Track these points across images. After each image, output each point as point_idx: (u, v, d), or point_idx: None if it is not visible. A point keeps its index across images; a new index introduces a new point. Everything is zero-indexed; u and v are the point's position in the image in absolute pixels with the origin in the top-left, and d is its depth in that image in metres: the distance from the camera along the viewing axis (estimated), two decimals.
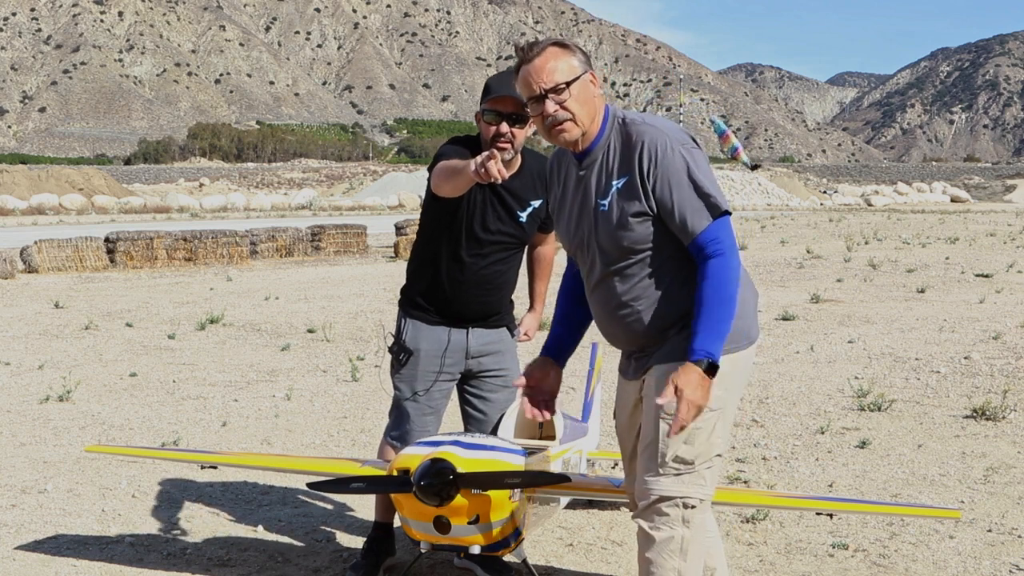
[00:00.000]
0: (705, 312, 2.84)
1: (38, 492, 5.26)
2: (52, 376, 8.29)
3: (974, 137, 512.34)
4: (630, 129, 2.95)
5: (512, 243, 3.96)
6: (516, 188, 3.90)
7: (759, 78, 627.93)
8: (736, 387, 3.05)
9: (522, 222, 3.93)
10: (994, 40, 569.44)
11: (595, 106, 2.98)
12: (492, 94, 3.76)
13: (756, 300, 3.16)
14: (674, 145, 2.90)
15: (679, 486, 2.95)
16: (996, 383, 7.90)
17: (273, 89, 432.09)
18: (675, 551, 2.94)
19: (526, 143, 3.90)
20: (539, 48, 2.97)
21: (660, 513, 2.95)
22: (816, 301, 13.25)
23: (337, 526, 4.82)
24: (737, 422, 6.75)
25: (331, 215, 48.26)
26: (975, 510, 4.91)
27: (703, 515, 2.99)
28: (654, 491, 2.96)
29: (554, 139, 3.00)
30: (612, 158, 2.97)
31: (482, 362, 4.04)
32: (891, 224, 39.32)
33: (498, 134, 3.75)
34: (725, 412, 3.00)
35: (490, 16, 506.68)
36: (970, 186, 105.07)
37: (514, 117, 3.75)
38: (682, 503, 2.95)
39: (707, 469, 2.97)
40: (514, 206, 3.90)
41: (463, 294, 3.94)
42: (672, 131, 2.95)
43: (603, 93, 3.08)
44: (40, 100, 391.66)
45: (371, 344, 10.01)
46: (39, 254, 18.24)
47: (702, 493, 2.97)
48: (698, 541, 2.97)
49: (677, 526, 2.94)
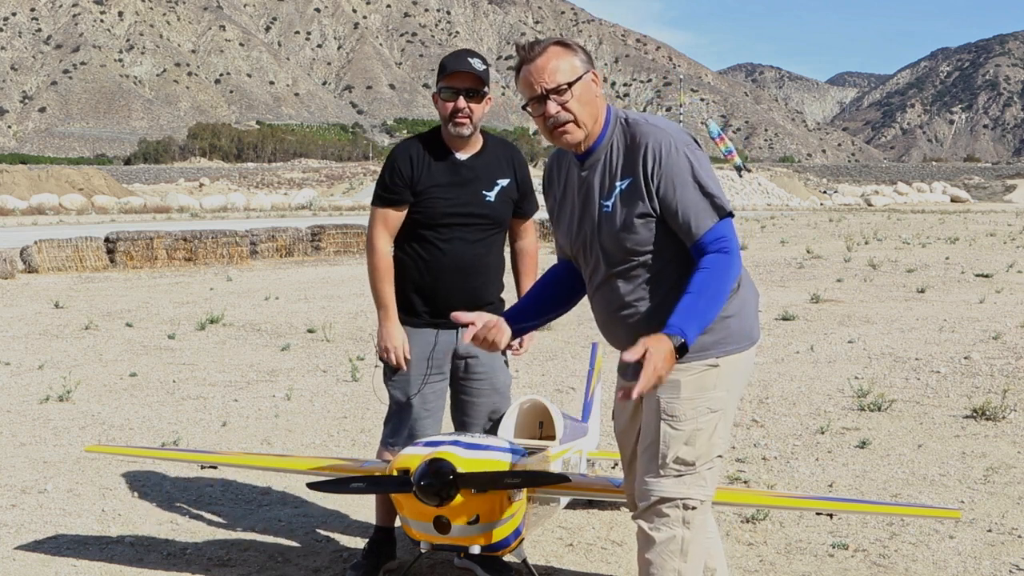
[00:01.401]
0: (692, 296, 2.79)
1: (38, 492, 5.26)
2: (52, 376, 8.29)
3: (974, 137, 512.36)
4: (633, 130, 2.94)
5: (485, 224, 3.94)
6: (479, 167, 3.93)
7: (759, 78, 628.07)
8: (736, 388, 3.04)
9: (490, 201, 3.93)
10: (994, 40, 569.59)
11: (597, 107, 2.97)
12: (447, 71, 3.83)
13: (757, 300, 3.15)
14: (678, 146, 2.89)
15: (680, 487, 2.94)
16: (996, 383, 7.90)
17: (273, 89, 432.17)
18: (675, 552, 2.94)
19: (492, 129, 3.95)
20: (541, 48, 2.95)
21: (660, 514, 2.95)
22: (816, 301, 13.25)
23: (337, 526, 4.82)
24: (737, 422, 6.75)
25: (331, 215, 48.21)
26: (975, 510, 4.90)
27: (704, 516, 2.99)
28: (655, 492, 2.95)
29: (556, 140, 2.97)
30: (615, 159, 2.96)
31: (469, 363, 4.02)
32: (891, 224, 39.31)
33: (455, 110, 3.81)
34: (726, 413, 2.99)
35: (490, 16, 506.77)
36: (970, 186, 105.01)
37: (470, 92, 3.81)
38: (683, 504, 2.94)
39: (708, 470, 2.97)
40: (479, 186, 3.91)
41: (444, 281, 3.91)
42: (675, 132, 2.94)
43: (604, 93, 3.07)
44: (40, 100, 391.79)
45: (371, 344, 10.01)
46: (39, 254, 18.23)
47: (703, 494, 2.96)
48: (698, 542, 2.97)
49: (677, 527, 2.93)
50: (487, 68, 3.93)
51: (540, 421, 4.17)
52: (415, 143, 3.95)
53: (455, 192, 3.88)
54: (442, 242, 3.88)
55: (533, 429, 4.16)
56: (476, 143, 3.94)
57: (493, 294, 4.05)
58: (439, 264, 3.91)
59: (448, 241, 3.88)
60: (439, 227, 3.88)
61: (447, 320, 3.92)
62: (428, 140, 3.95)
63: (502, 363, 4.11)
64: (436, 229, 3.88)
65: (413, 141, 3.98)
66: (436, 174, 3.86)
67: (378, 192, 3.95)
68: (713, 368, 2.95)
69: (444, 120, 3.86)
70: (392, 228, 3.93)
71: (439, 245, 3.89)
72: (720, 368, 2.96)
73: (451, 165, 3.89)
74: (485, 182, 3.93)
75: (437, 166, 3.87)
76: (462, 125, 3.82)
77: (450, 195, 3.87)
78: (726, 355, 2.95)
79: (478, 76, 3.82)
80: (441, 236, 3.88)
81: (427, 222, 3.88)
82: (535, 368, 8.73)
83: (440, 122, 3.94)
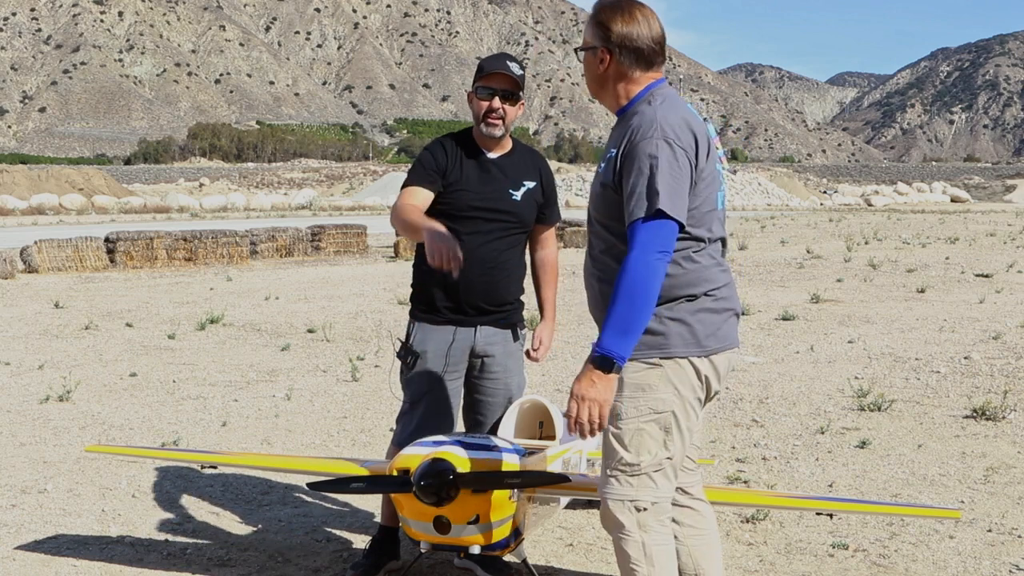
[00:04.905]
0: (610, 306, 2.78)
1: (38, 492, 5.26)
2: (52, 376, 8.29)
3: (974, 137, 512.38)
4: (640, 108, 2.97)
5: (510, 222, 3.97)
6: (507, 167, 3.99)
7: (759, 78, 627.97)
8: (687, 393, 2.95)
9: (516, 200, 3.97)
10: (994, 40, 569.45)
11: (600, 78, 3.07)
12: (485, 71, 3.91)
13: (730, 314, 3.04)
14: (655, 133, 2.86)
15: (627, 489, 2.93)
16: (996, 383, 7.90)
17: (273, 89, 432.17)
18: (640, 559, 2.93)
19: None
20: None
21: (617, 523, 2.95)
22: (816, 301, 13.25)
23: (337, 526, 4.82)
24: (737, 422, 6.76)
25: (331, 215, 48.26)
26: (975, 510, 4.91)
27: (659, 519, 2.96)
28: (603, 494, 2.97)
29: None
30: (619, 128, 3.01)
31: (485, 363, 4.02)
32: (891, 224, 39.31)
33: (490, 109, 3.88)
34: (676, 417, 2.94)
35: (490, 16, 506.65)
36: (970, 186, 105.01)
37: (505, 94, 3.89)
38: (633, 506, 2.93)
39: (656, 472, 2.94)
40: (507, 184, 3.96)
41: (466, 272, 3.89)
42: (667, 123, 2.88)
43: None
44: (40, 100, 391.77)
45: (371, 344, 10.01)
46: (39, 254, 18.23)
47: (653, 496, 2.94)
48: (662, 545, 2.96)
49: (635, 532, 2.93)
50: (523, 74, 4.00)
51: (540, 421, 4.17)
52: (448, 139, 4.03)
53: (482, 187, 3.93)
54: (465, 235, 3.89)
55: (533, 429, 4.16)
56: (506, 145, 4.02)
57: (513, 293, 4.06)
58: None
59: (471, 234, 3.90)
60: (463, 219, 3.90)
61: (466, 317, 3.95)
62: (460, 138, 4.01)
63: (518, 365, 4.12)
64: (460, 221, 3.90)
65: (446, 137, 4.04)
66: (466, 168, 3.93)
67: (409, 175, 3.94)
68: (654, 368, 2.92)
69: (477, 119, 3.94)
70: (418, 202, 3.86)
71: (462, 238, 3.89)
72: (664, 370, 2.92)
73: (481, 162, 3.95)
74: (512, 181, 3.98)
75: (467, 162, 3.94)
76: (494, 126, 3.90)
77: (477, 189, 3.92)
78: (669, 358, 2.91)
79: (515, 79, 3.90)
80: (465, 229, 3.89)
81: (452, 213, 3.90)
82: (535, 368, 8.72)
83: (472, 123, 4.03)
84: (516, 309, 4.08)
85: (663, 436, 2.93)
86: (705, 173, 2.93)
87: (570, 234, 24.85)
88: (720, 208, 3.03)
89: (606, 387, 2.78)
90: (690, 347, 2.94)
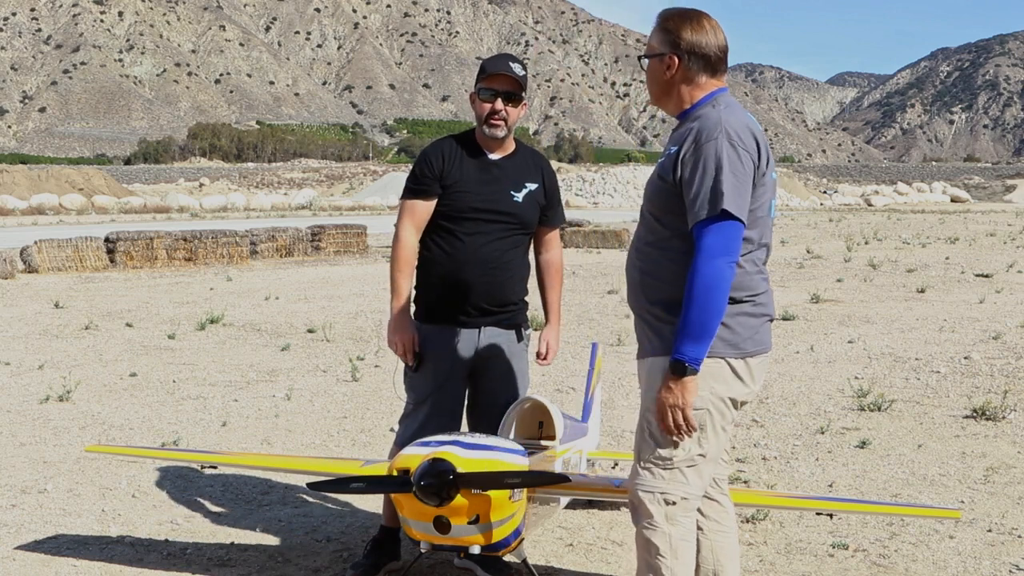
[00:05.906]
0: (683, 312, 2.88)
1: (38, 492, 5.26)
2: (52, 376, 8.29)
3: (974, 137, 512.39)
4: (704, 111, 3.03)
5: (510, 222, 3.96)
6: (509, 168, 3.98)
7: (759, 78, 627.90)
8: (718, 392, 3.03)
9: (517, 201, 3.96)
10: (994, 40, 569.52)
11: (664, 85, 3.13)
12: (487, 73, 3.92)
13: (764, 319, 3.12)
14: (720, 135, 2.92)
15: (658, 482, 2.99)
16: (996, 383, 7.90)
17: (273, 89, 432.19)
18: (666, 551, 2.97)
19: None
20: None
21: (646, 513, 3.00)
22: (816, 301, 13.25)
23: (337, 526, 4.82)
24: (737, 422, 6.75)
25: (331, 215, 48.23)
26: (975, 510, 4.91)
27: (687, 514, 3.01)
28: (635, 486, 3.03)
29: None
30: (681, 128, 3.07)
31: (489, 363, 4.02)
32: (891, 224, 39.31)
33: (492, 111, 3.89)
34: (711, 415, 3.01)
35: (490, 16, 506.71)
36: (970, 186, 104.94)
37: (508, 95, 3.90)
38: (663, 499, 2.98)
39: (689, 468, 3.00)
40: (508, 186, 3.96)
41: (466, 275, 3.91)
42: (730, 126, 2.95)
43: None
44: (40, 100, 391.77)
45: (371, 344, 10.01)
46: (39, 254, 18.23)
47: (683, 491, 3.00)
48: (688, 540, 3.01)
49: (663, 524, 2.98)
50: (526, 75, 4.00)
51: (540, 421, 4.17)
52: (449, 140, 4.03)
53: (483, 188, 3.93)
54: (466, 236, 3.90)
55: (533, 429, 4.16)
56: (509, 146, 4.02)
57: (516, 294, 4.06)
58: (462, 257, 3.92)
59: (472, 235, 3.91)
60: (464, 221, 3.91)
61: (469, 318, 3.94)
62: (462, 139, 4.02)
63: (522, 366, 4.11)
64: (461, 223, 3.91)
65: (447, 139, 4.05)
66: (467, 169, 3.93)
67: (407, 185, 4.00)
68: None
69: (479, 120, 3.94)
70: (419, 221, 3.95)
71: (463, 239, 3.91)
72: (702, 369, 2.96)
73: (482, 163, 3.96)
74: (514, 183, 3.98)
75: (468, 163, 3.94)
76: (497, 127, 3.90)
77: (478, 190, 3.92)
78: (708, 357, 2.95)
79: (517, 80, 3.91)
80: (466, 230, 3.91)
81: (453, 215, 3.92)
82: (535, 368, 8.71)
83: (475, 123, 4.02)
84: (520, 310, 4.08)
85: (697, 433, 2.99)
86: (765, 179, 3.01)
87: (570, 234, 24.85)
88: (771, 215, 3.11)
89: (682, 391, 2.90)
90: (728, 348, 3.01)
